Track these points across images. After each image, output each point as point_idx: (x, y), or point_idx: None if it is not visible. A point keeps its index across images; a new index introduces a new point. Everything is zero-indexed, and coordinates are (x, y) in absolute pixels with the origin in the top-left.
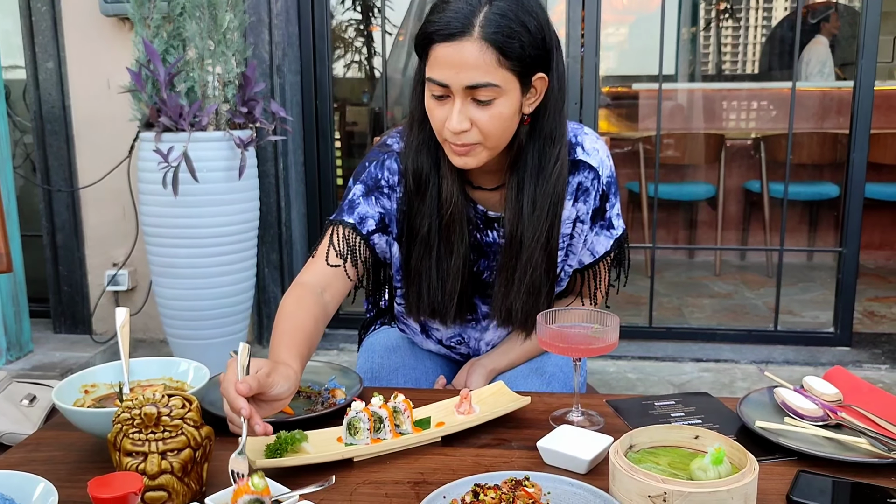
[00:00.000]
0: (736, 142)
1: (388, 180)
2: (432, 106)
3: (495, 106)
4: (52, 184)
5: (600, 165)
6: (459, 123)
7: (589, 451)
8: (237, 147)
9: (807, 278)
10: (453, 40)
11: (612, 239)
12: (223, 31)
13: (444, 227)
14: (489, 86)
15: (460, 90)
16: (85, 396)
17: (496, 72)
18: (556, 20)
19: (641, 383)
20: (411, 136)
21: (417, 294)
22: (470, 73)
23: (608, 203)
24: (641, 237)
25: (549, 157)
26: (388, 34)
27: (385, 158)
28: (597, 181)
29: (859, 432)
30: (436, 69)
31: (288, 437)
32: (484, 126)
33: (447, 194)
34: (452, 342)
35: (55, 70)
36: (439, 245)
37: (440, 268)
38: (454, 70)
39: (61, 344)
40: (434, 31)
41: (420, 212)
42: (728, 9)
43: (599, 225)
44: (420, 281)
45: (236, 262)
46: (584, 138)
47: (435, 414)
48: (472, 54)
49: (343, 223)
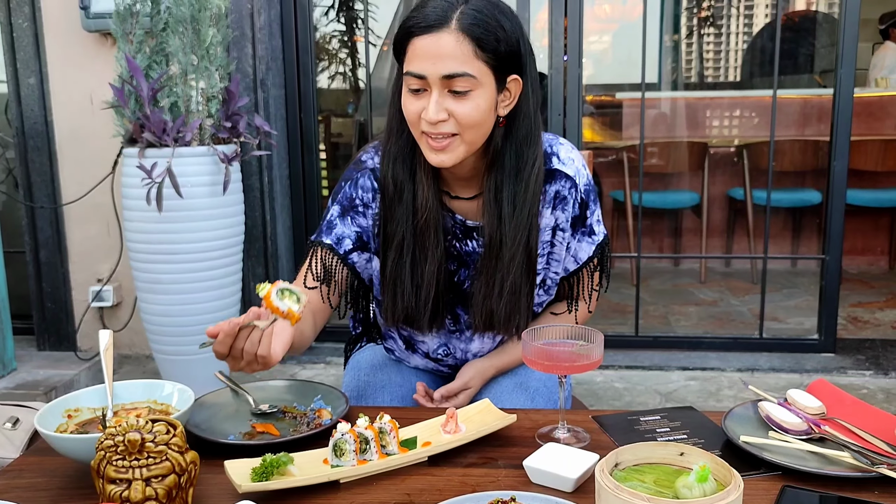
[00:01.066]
0: (719, 150)
1: (362, 198)
2: (409, 101)
3: (471, 98)
4: (34, 200)
5: (576, 174)
6: (436, 113)
7: (575, 470)
8: (221, 162)
9: (791, 284)
10: (431, 31)
11: (595, 245)
12: (206, 47)
13: (418, 232)
14: (465, 75)
15: (437, 81)
16: (68, 421)
17: (472, 62)
18: (539, 29)
19: (628, 393)
20: (389, 144)
21: (392, 300)
22: (447, 62)
23: (588, 210)
24: (626, 246)
25: (527, 158)
26: (372, 45)
27: (358, 177)
28: (574, 190)
29: (843, 446)
30: (414, 62)
31: (274, 461)
32: (461, 117)
33: (422, 199)
34: (439, 354)
35: (37, 86)
36: (414, 251)
37: (414, 273)
38: (431, 60)
39: (45, 361)
40: (413, 25)
41: (395, 219)
42: (710, 17)
43: (581, 232)
44: (395, 287)
45: (222, 276)
46: (560, 148)
47: (421, 433)
48: (448, 44)
49: (321, 244)
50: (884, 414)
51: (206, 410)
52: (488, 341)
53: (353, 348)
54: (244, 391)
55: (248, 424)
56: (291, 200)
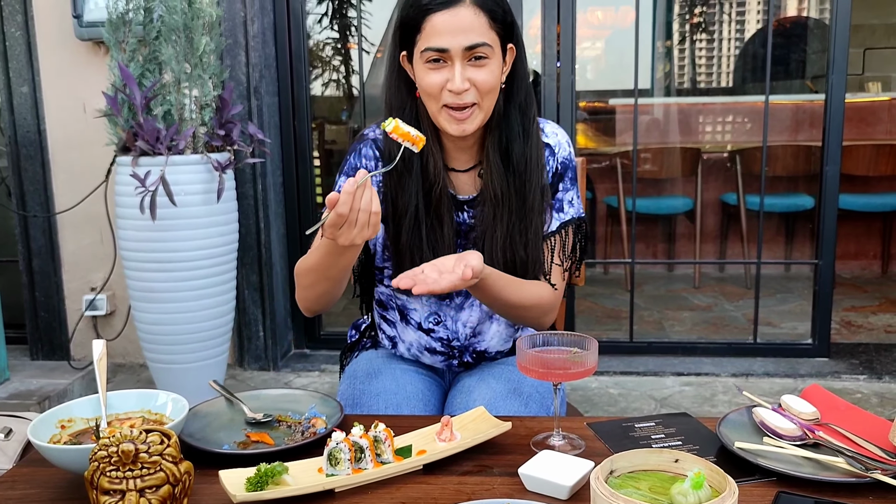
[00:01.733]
0: (712, 155)
1: (365, 166)
2: (429, 75)
3: (489, 65)
4: (27, 209)
5: (557, 146)
6: (462, 83)
7: (570, 477)
8: (215, 170)
9: (784, 289)
10: (450, 6)
11: (560, 222)
12: (200, 55)
13: (433, 201)
14: (484, 45)
15: (460, 52)
16: (61, 432)
17: (488, 32)
18: (532, 36)
19: (623, 399)
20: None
21: (411, 264)
22: (468, 34)
23: (561, 184)
24: (621, 251)
25: (531, 117)
26: (365, 52)
27: (361, 147)
28: (552, 158)
29: (837, 452)
30: (433, 37)
31: (269, 470)
32: (481, 84)
33: (433, 170)
34: (430, 322)
35: (30, 94)
36: (427, 220)
37: (430, 240)
38: (453, 34)
39: (38, 371)
40: (429, 2)
41: (405, 190)
42: (702, 23)
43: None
44: (412, 254)
45: (216, 284)
46: (546, 125)
47: (416, 442)
48: (467, 17)
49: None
50: (878, 419)
51: (200, 420)
52: (478, 311)
53: (348, 356)
54: (238, 400)
55: (242, 434)
56: (285, 208)
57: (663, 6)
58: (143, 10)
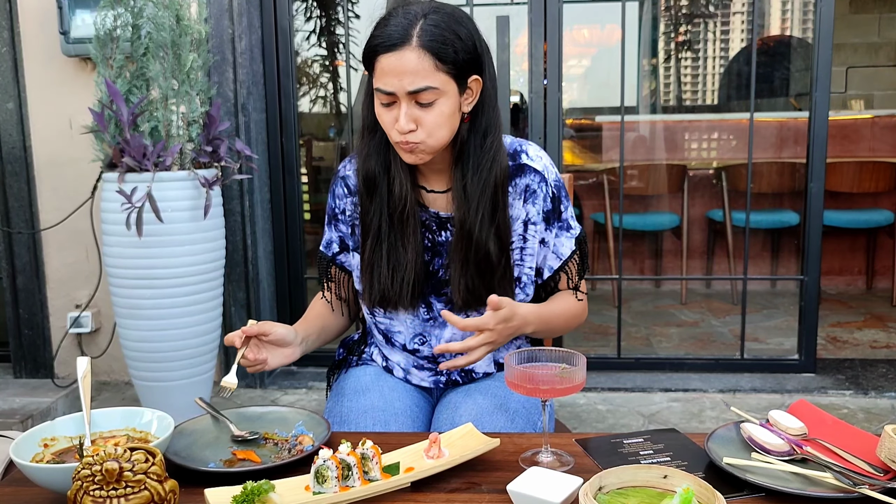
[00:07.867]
0: (698, 172)
1: (338, 206)
2: (382, 112)
3: (436, 106)
4: (12, 226)
5: (545, 170)
6: (406, 124)
7: (559, 494)
8: (202, 186)
9: (771, 304)
10: (395, 49)
11: (574, 238)
12: (187, 71)
13: (396, 220)
14: (429, 89)
15: (404, 95)
16: (44, 451)
17: (434, 75)
18: (519, 54)
19: (612, 415)
20: (363, 143)
21: (369, 283)
22: (413, 78)
23: (562, 206)
24: (608, 268)
25: (487, 146)
26: (353, 69)
27: (335, 187)
28: (544, 184)
29: (825, 467)
30: (382, 79)
31: (255, 488)
32: (427, 125)
33: (399, 190)
34: (416, 343)
35: (16, 110)
36: (391, 237)
37: (391, 258)
38: (398, 77)
39: (22, 389)
40: (378, 44)
41: (371, 210)
42: (687, 41)
43: (559, 227)
44: (372, 271)
45: (202, 301)
46: (528, 147)
47: (404, 459)
48: (411, 61)
49: (320, 251)
50: (865, 434)
51: (185, 438)
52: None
53: (336, 374)
54: (224, 418)
55: (228, 451)
56: (273, 225)
57: (649, 24)
58: (131, 26)
